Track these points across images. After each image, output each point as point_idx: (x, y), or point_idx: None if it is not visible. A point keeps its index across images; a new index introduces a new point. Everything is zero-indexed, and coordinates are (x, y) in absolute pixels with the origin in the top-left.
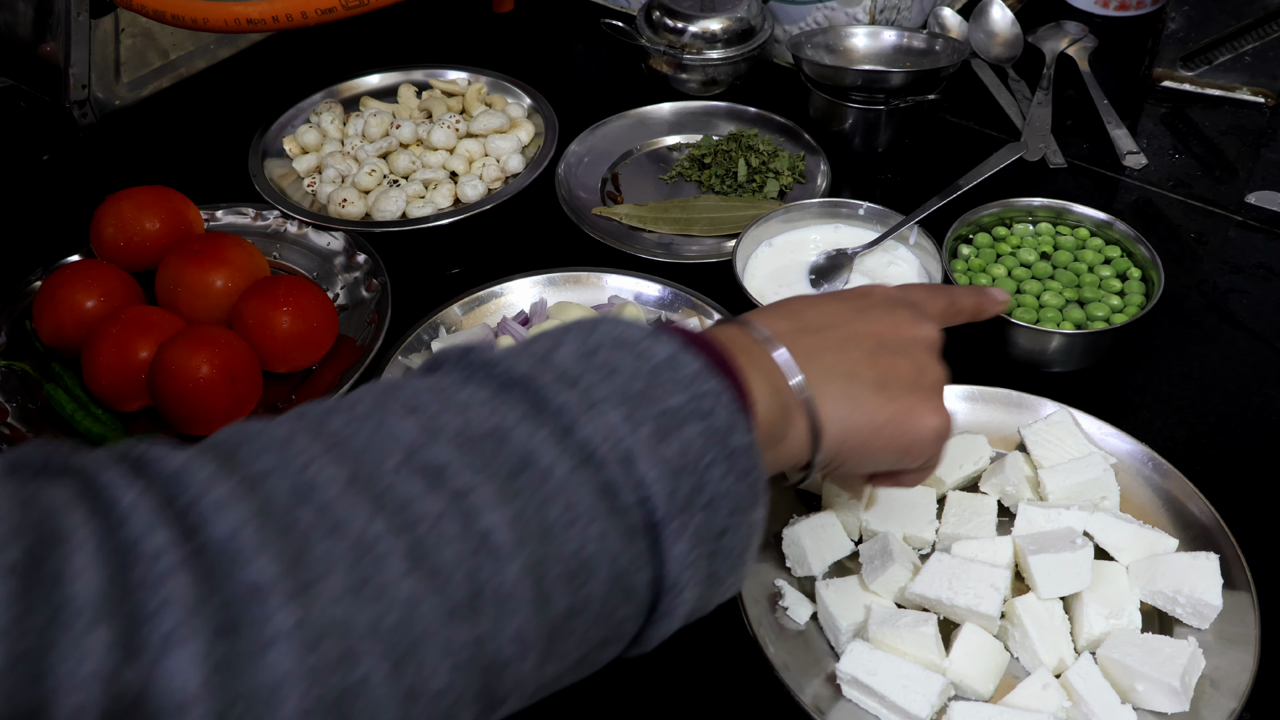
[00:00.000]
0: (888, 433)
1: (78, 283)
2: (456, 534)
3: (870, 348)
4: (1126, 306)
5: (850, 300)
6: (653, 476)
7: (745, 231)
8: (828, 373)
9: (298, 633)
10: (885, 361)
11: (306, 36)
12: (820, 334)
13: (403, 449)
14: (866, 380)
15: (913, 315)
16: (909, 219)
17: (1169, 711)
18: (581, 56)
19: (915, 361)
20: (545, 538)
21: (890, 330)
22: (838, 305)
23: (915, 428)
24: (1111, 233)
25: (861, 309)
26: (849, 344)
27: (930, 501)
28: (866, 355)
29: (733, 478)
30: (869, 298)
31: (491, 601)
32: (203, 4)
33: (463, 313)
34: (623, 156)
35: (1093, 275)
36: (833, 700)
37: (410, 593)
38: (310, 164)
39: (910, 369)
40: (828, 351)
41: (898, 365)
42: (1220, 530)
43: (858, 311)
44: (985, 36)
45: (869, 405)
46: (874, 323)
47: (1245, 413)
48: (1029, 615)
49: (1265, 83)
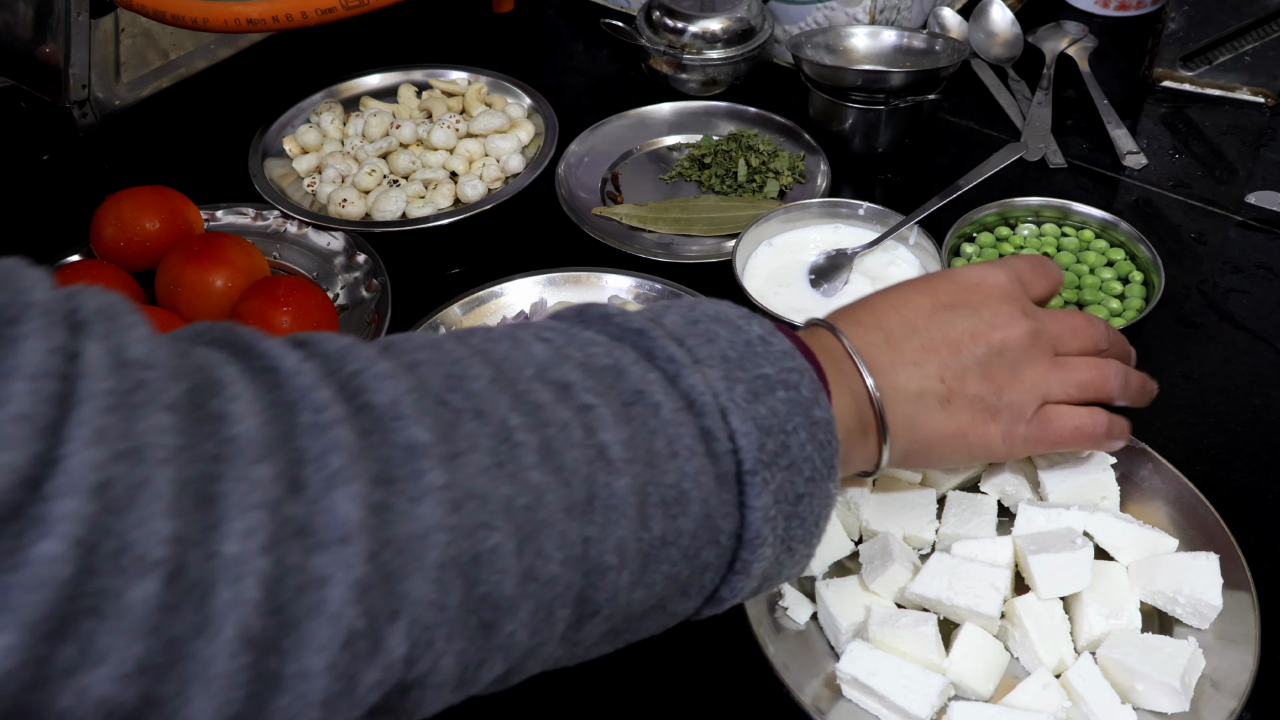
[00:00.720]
0: (953, 445)
1: (78, 283)
2: (579, 441)
3: (951, 356)
4: (1125, 310)
5: (948, 294)
6: (744, 430)
7: (745, 231)
8: (899, 390)
9: (445, 493)
10: (962, 370)
11: (306, 36)
12: (900, 345)
13: (536, 364)
14: (934, 395)
15: (1012, 311)
16: (909, 219)
17: (1169, 711)
18: (581, 56)
19: (1000, 366)
20: (652, 463)
21: (981, 331)
22: (933, 301)
23: (975, 445)
24: (1115, 234)
25: (955, 306)
26: (926, 357)
27: (930, 501)
28: (943, 365)
29: (813, 446)
30: (970, 291)
31: (602, 508)
32: (203, 4)
33: (462, 313)
34: (623, 156)
35: (1094, 277)
36: (833, 700)
37: (539, 482)
38: (310, 164)
39: (991, 376)
40: (903, 367)
41: (977, 374)
42: (1220, 530)
43: (951, 310)
44: (985, 36)
45: (934, 421)
46: (964, 323)
47: (1245, 413)
48: (1029, 615)
49: (1265, 83)
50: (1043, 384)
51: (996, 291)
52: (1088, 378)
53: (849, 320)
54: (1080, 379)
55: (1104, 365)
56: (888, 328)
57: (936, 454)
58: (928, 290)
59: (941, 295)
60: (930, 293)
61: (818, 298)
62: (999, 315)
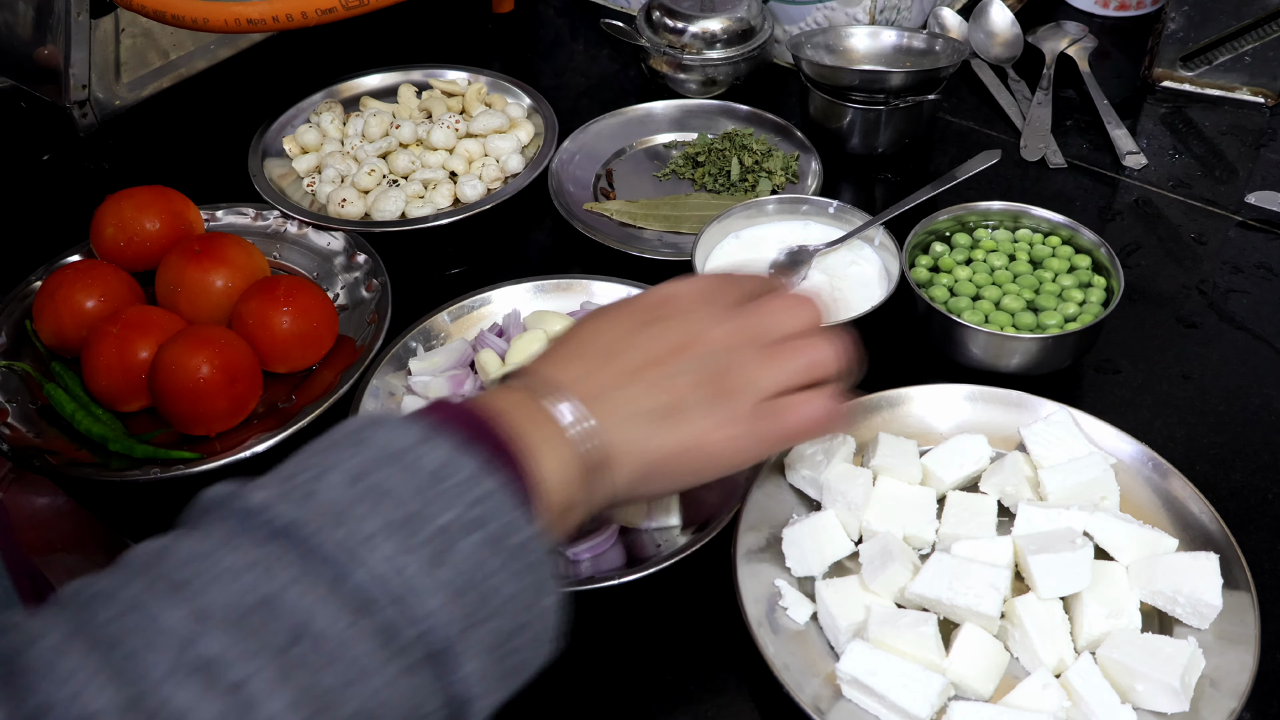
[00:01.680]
0: (689, 459)
1: (78, 283)
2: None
3: (659, 372)
4: (1083, 314)
5: (643, 313)
6: (432, 606)
7: (708, 225)
8: (616, 414)
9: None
10: (673, 384)
11: (306, 36)
12: (606, 368)
13: (174, 646)
14: (655, 412)
15: (712, 313)
16: (873, 220)
17: (1169, 711)
18: (581, 56)
19: (710, 371)
20: (327, 707)
21: (683, 343)
22: (629, 323)
23: (714, 448)
24: (1076, 239)
25: (652, 323)
26: (636, 375)
27: (930, 501)
28: (653, 383)
29: (517, 579)
30: (665, 305)
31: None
32: (203, 4)
33: (450, 319)
34: (617, 153)
35: (1054, 284)
36: (833, 700)
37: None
38: (310, 164)
39: (703, 383)
40: (614, 390)
41: (688, 383)
42: (1220, 530)
43: (648, 327)
44: (985, 36)
45: (660, 438)
46: (664, 337)
47: (1245, 413)
48: (1029, 615)
49: (1265, 83)
50: (759, 378)
51: (690, 301)
52: (805, 361)
53: (550, 360)
54: (797, 365)
55: (817, 345)
56: (590, 357)
57: (677, 471)
58: (624, 313)
59: (639, 315)
60: (627, 315)
61: None
62: (699, 321)
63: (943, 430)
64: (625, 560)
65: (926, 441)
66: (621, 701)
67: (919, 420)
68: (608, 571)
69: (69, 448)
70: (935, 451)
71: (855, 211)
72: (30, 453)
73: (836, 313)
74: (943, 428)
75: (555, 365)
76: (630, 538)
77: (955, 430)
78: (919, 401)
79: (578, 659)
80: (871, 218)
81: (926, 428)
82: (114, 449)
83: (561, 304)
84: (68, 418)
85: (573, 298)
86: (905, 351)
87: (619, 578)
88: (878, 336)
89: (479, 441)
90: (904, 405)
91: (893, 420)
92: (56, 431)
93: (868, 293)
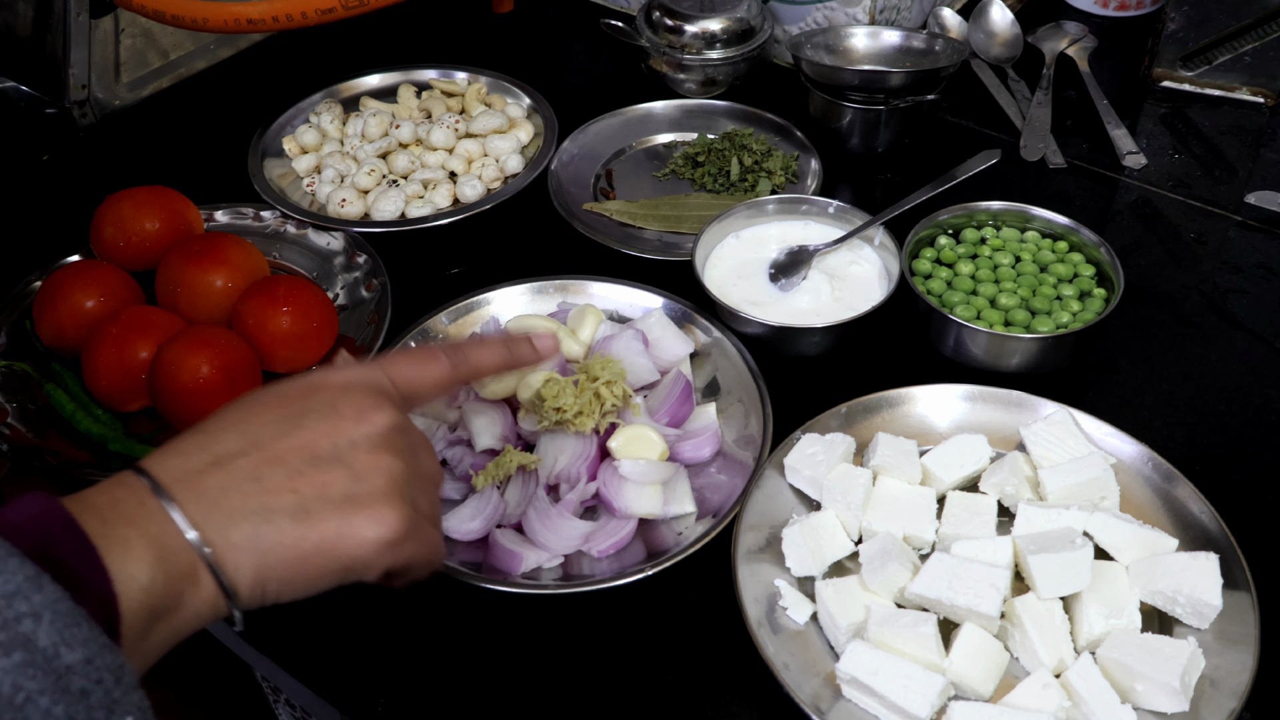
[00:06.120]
0: (318, 560)
1: (78, 283)
2: None
3: (294, 466)
4: (1084, 312)
5: (288, 405)
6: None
7: (708, 225)
8: (235, 514)
9: None
10: (310, 479)
11: (306, 36)
12: (234, 465)
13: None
14: (284, 510)
15: (360, 407)
16: (873, 220)
17: (1169, 711)
18: (581, 56)
19: (352, 468)
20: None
21: (325, 436)
22: (271, 415)
23: (349, 548)
24: (1075, 238)
25: (298, 415)
26: (268, 469)
27: (930, 501)
28: (287, 478)
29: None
30: (313, 396)
31: None
32: (203, 4)
33: (449, 321)
34: (617, 153)
35: (1049, 288)
36: (833, 700)
37: None
38: (310, 164)
39: (344, 479)
40: (239, 485)
41: (327, 479)
42: (1220, 530)
43: (292, 420)
44: (985, 36)
45: (288, 538)
46: (307, 430)
47: (1245, 413)
48: (1029, 615)
49: (1265, 83)
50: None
51: (343, 387)
52: None
53: (172, 452)
54: None
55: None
56: (221, 450)
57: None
58: (274, 402)
59: (289, 405)
60: (277, 404)
61: (775, 292)
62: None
63: (943, 430)
64: (646, 555)
65: (926, 441)
66: (622, 701)
67: (919, 420)
68: (606, 574)
69: (69, 448)
70: (935, 451)
71: (855, 211)
72: (30, 453)
73: None
74: (943, 427)
75: (178, 458)
76: (649, 532)
77: (955, 430)
78: (919, 401)
79: (578, 659)
80: (871, 217)
81: (926, 428)
82: (114, 449)
83: (561, 304)
84: (68, 418)
85: (572, 298)
86: (905, 351)
87: (618, 579)
88: (878, 336)
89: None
90: (904, 405)
91: (893, 420)
92: (56, 431)
93: (868, 293)
